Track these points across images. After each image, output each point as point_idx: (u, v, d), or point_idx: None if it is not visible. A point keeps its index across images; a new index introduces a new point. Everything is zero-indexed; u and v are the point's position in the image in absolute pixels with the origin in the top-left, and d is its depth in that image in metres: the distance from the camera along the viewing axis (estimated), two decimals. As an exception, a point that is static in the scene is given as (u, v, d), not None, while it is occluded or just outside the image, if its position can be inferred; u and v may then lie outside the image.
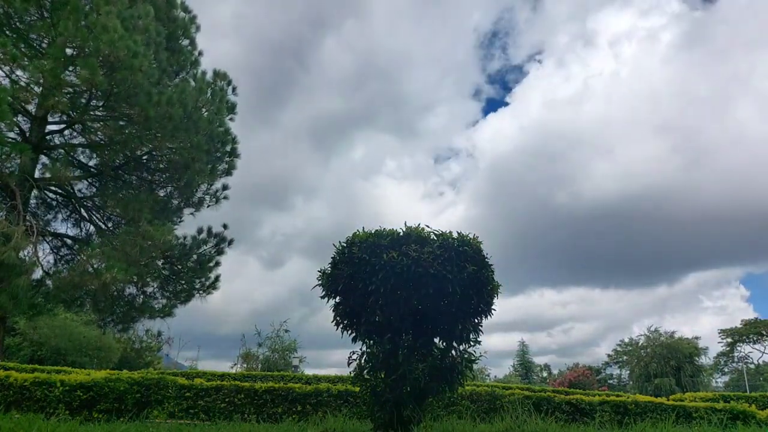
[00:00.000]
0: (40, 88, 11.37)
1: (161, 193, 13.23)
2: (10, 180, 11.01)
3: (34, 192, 12.25)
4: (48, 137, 12.28)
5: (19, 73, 11.21)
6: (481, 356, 5.70)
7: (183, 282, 13.61)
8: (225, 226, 14.15)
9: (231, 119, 13.69)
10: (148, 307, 13.29)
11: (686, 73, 74.20)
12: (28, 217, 10.86)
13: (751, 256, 69.67)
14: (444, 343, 5.51)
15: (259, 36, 70.37)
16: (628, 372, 47.09)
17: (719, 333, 48.75)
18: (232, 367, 28.79)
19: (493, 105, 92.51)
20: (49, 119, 12.05)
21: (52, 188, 12.93)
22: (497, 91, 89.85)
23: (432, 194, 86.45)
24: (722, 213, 67.26)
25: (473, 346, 5.56)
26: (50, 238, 13.08)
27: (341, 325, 5.54)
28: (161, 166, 13.19)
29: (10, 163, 11.82)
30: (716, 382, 49.34)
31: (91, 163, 13.08)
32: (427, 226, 5.33)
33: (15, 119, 10.82)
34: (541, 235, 73.76)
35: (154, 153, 12.89)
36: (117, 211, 12.69)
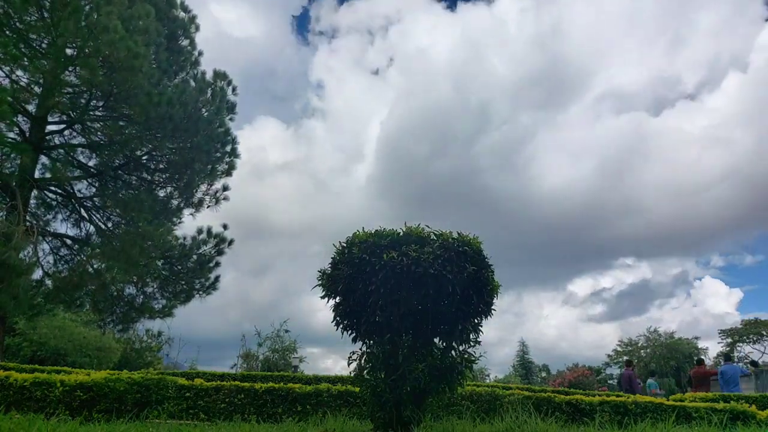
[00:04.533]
0: (40, 88, 11.39)
1: (161, 193, 13.24)
2: (10, 180, 11.03)
3: (34, 192, 12.25)
4: (48, 137, 12.28)
5: (19, 73, 11.23)
6: (480, 356, 5.69)
7: (183, 282, 13.63)
8: (225, 227, 14.18)
9: (231, 119, 13.69)
10: (148, 308, 13.30)
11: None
12: (28, 217, 10.86)
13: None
14: (444, 344, 5.50)
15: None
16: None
17: (719, 333, 48.75)
18: (232, 368, 28.80)
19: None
20: (49, 119, 12.05)
21: (52, 188, 12.94)
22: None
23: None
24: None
25: (473, 346, 5.56)
26: (50, 238, 13.09)
27: (341, 325, 5.53)
28: (161, 166, 13.20)
29: (10, 163, 11.84)
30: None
31: (91, 163, 13.08)
32: (427, 226, 5.33)
33: (15, 119, 10.82)
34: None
35: (154, 153, 12.89)
36: (117, 211, 12.71)
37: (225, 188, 14.16)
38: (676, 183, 70.39)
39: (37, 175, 12.05)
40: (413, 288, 4.99)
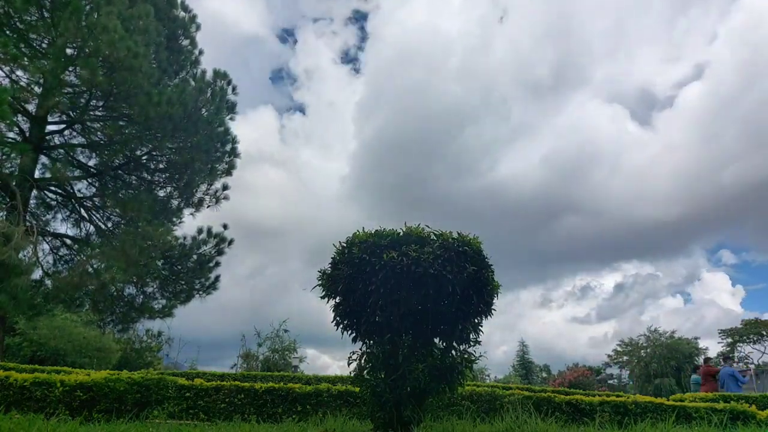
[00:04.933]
0: (40, 88, 11.39)
1: (161, 193, 13.25)
2: (10, 180, 11.02)
3: (34, 192, 12.25)
4: (48, 137, 12.29)
5: (19, 73, 11.24)
6: (480, 356, 5.69)
7: (183, 282, 13.63)
8: (225, 226, 14.17)
9: (231, 119, 13.70)
10: (148, 308, 13.30)
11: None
12: (28, 217, 10.86)
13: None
14: (444, 344, 5.50)
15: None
16: (628, 372, 47.07)
17: (719, 333, 48.74)
18: (232, 368, 28.79)
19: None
20: (49, 119, 12.05)
21: (52, 188, 12.94)
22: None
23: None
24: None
25: (473, 346, 5.56)
26: (50, 238, 13.09)
27: (341, 326, 5.53)
28: (161, 166, 13.21)
29: (10, 163, 11.84)
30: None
31: (91, 163, 13.09)
32: (427, 226, 5.32)
33: (15, 119, 10.83)
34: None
35: (154, 153, 12.90)
36: (117, 211, 12.71)
37: (225, 188, 14.17)
38: (678, 181, 70.33)
39: (37, 175, 12.05)
40: (413, 288, 4.99)
